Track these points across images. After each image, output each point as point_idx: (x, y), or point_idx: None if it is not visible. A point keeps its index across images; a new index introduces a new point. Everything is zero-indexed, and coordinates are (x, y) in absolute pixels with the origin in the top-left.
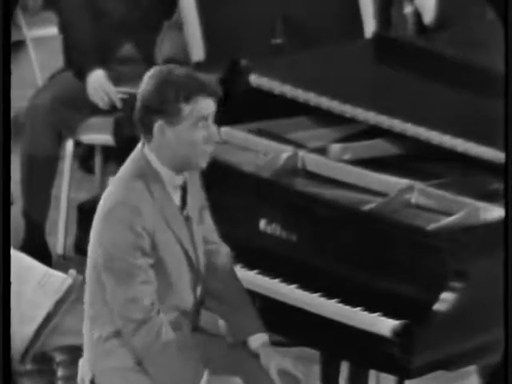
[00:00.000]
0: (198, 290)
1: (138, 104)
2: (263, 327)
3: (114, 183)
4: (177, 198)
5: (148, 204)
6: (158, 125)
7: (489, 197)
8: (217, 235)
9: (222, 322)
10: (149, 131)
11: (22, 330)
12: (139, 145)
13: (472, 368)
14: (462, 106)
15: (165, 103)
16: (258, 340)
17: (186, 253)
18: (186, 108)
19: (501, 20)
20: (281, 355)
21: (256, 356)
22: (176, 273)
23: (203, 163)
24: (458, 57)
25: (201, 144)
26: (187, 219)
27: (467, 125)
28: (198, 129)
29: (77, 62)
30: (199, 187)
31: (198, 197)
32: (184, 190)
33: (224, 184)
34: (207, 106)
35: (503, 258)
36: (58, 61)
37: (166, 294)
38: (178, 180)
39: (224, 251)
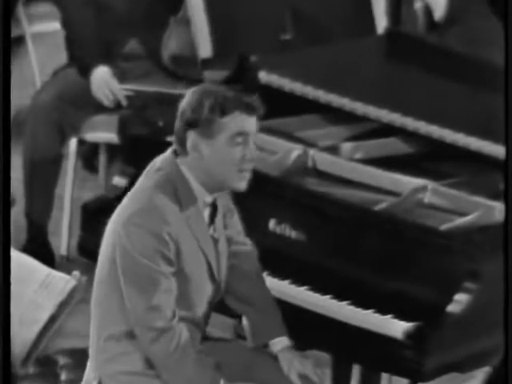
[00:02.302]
0: (213, 303)
1: (176, 119)
2: (286, 331)
3: (138, 189)
4: (205, 215)
5: (175, 212)
6: (191, 137)
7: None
8: (244, 236)
9: (245, 323)
10: (182, 144)
11: (23, 332)
12: (167, 153)
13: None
14: (474, 104)
15: (198, 114)
16: (281, 344)
17: (209, 266)
18: (222, 121)
19: (501, 20)
20: (301, 359)
21: (272, 361)
22: (196, 284)
23: (241, 185)
24: (471, 54)
25: (237, 162)
26: (214, 239)
27: (481, 123)
28: (236, 145)
29: (80, 59)
30: (235, 216)
31: (235, 222)
32: (214, 209)
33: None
34: (245, 122)
35: (504, 258)
36: (57, 57)
37: (181, 303)
38: (208, 198)
39: (252, 253)
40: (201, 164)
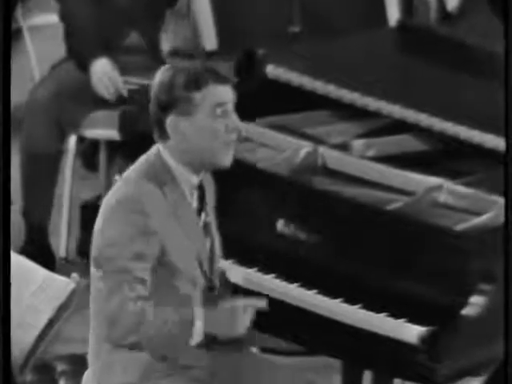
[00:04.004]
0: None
1: (150, 104)
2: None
3: (122, 182)
4: (194, 201)
5: (159, 204)
6: (170, 119)
7: None
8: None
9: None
10: (162, 128)
11: (21, 336)
12: (156, 145)
13: None
14: (490, 100)
15: (174, 93)
16: None
17: (199, 261)
18: (198, 95)
19: (501, 20)
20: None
21: (269, 368)
22: (187, 279)
23: (227, 160)
24: (485, 47)
25: (221, 134)
26: (205, 225)
27: (497, 120)
28: (217, 117)
29: (79, 51)
30: (213, 191)
31: (211, 200)
32: (202, 190)
33: (238, 182)
34: (222, 92)
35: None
36: (56, 51)
37: (173, 300)
38: (194, 179)
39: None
40: (185, 144)
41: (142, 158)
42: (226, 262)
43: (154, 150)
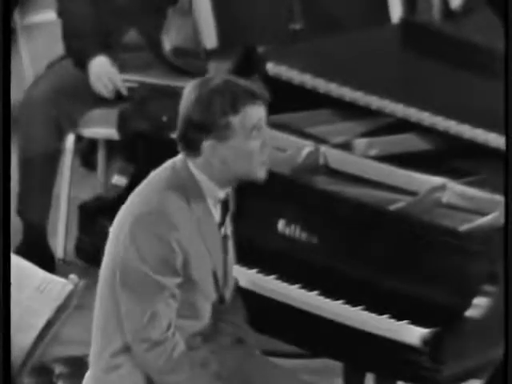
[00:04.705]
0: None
1: (180, 119)
2: None
3: (145, 190)
4: (217, 214)
5: (185, 218)
6: (208, 144)
7: None
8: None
9: None
10: (195, 148)
11: (19, 338)
12: (181, 155)
13: None
14: (494, 98)
15: (211, 117)
16: None
17: (214, 275)
18: (235, 120)
19: (501, 20)
20: None
21: (273, 369)
22: (202, 291)
23: (262, 174)
24: (489, 44)
25: (258, 155)
26: (225, 238)
27: (501, 118)
28: (253, 140)
29: (78, 49)
30: (232, 200)
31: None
32: (226, 205)
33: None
34: (257, 114)
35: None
36: (51, 50)
37: (187, 312)
38: (220, 193)
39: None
40: (219, 165)
41: (166, 168)
42: None
43: (179, 161)
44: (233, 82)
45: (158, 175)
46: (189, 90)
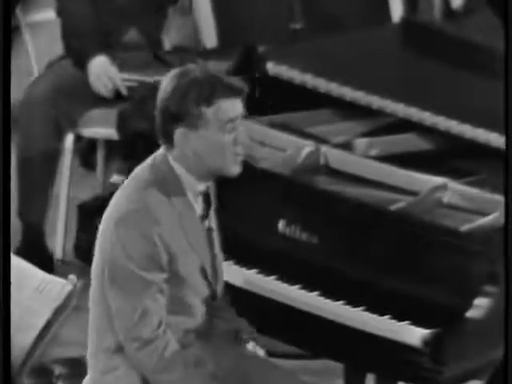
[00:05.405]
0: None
1: (157, 110)
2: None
3: (129, 187)
4: (198, 207)
5: (167, 212)
6: (179, 132)
7: None
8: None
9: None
10: (170, 138)
11: (19, 338)
12: (161, 149)
13: None
14: (496, 98)
15: (185, 106)
16: None
17: (203, 271)
18: (209, 111)
19: (501, 20)
20: None
21: (271, 369)
22: (191, 285)
23: (236, 169)
24: (490, 44)
25: (230, 148)
26: (209, 230)
27: (502, 118)
28: (226, 133)
29: (77, 49)
30: (214, 194)
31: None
32: (207, 198)
33: (239, 182)
34: (233, 108)
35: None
36: (56, 48)
37: (177, 308)
38: (200, 187)
39: None
40: (192, 155)
41: (148, 164)
42: (227, 263)
43: (159, 155)
44: (211, 74)
45: (140, 170)
46: (168, 80)
